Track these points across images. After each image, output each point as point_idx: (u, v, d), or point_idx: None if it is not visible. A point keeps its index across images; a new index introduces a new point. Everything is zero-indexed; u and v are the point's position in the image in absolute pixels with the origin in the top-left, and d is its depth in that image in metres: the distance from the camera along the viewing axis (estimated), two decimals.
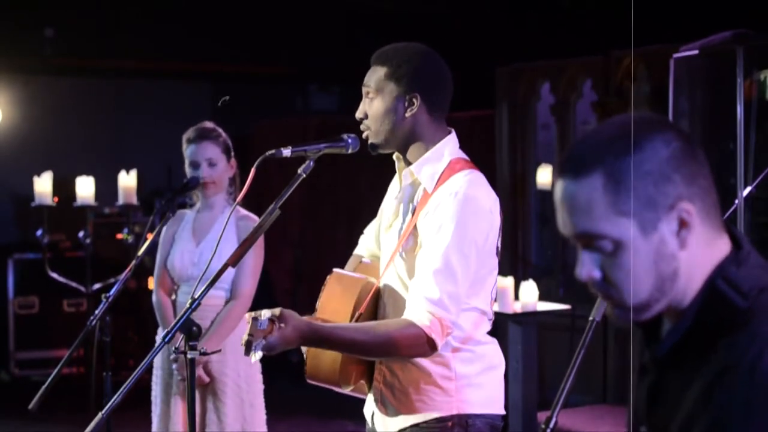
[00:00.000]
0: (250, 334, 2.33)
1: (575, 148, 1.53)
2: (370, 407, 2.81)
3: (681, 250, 1.50)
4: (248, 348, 2.33)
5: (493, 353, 2.73)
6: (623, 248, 1.49)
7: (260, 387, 4.09)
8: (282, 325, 2.39)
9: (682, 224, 1.49)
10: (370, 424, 2.81)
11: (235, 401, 3.98)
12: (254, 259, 3.98)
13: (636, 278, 1.50)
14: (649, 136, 1.49)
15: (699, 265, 1.52)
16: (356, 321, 2.63)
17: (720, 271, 1.53)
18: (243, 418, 3.99)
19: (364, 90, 2.72)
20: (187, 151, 4.05)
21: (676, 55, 4.46)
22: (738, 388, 1.43)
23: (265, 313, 2.37)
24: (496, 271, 2.70)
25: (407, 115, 2.66)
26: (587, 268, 1.52)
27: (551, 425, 2.30)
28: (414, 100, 2.65)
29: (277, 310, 2.42)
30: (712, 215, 1.53)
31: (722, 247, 1.55)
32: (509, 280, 5.44)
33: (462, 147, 2.75)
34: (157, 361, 4.05)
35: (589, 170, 1.48)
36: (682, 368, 1.53)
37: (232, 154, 4.11)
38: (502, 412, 2.74)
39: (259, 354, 2.35)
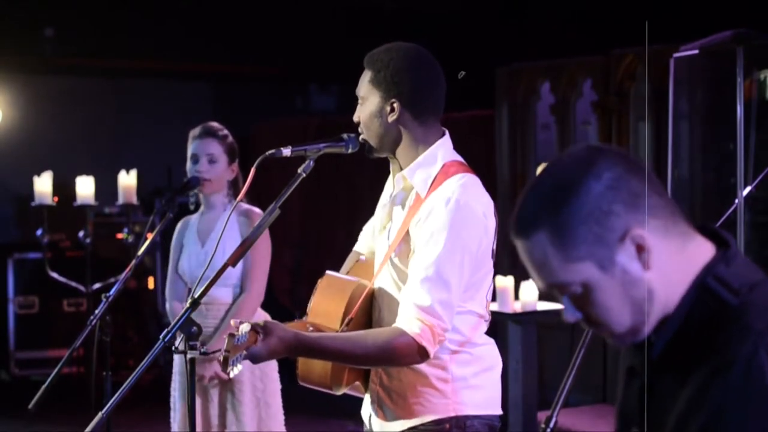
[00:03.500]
0: (227, 351, 2.33)
1: (519, 209, 1.57)
2: (367, 409, 2.79)
3: (647, 272, 1.52)
4: (225, 364, 2.33)
5: (489, 354, 2.72)
6: (591, 288, 1.53)
7: (277, 386, 4.08)
8: (267, 336, 2.39)
9: (640, 249, 1.51)
10: (367, 426, 2.80)
11: (252, 400, 3.98)
12: (261, 253, 3.98)
13: (614, 311, 1.54)
14: (580, 178, 1.51)
15: (675, 275, 1.54)
16: (347, 325, 2.62)
17: (709, 271, 1.54)
18: (259, 417, 4.00)
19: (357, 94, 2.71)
20: (191, 145, 4.06)
21: (676, 55, 4.45)
22: (734, 384, 1.44)
23: (244, 328, 2.37)
24: (492, 273, 2.69)
25: (390, 121, 2.62)
26: (569, 311, 1.58)
27: (551, 425, 2.31)
28: (394, 106, 2.61)
29: (261, 321, 2.42)
30: (672, 224, 1.54)
31: (698, 248, 1.57)
32: (509, 280, 5.42)
33: (462, 147, 2.72)
34: (177, 366, 4.05)
35: (534, 229, 1.53)
36: (676, 368, 1.54)
37: (236, 159, 4.11)
38: (500, 412, 2.73)
39: (238, 367, 2.36)
